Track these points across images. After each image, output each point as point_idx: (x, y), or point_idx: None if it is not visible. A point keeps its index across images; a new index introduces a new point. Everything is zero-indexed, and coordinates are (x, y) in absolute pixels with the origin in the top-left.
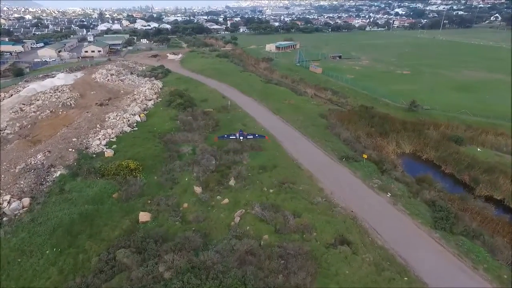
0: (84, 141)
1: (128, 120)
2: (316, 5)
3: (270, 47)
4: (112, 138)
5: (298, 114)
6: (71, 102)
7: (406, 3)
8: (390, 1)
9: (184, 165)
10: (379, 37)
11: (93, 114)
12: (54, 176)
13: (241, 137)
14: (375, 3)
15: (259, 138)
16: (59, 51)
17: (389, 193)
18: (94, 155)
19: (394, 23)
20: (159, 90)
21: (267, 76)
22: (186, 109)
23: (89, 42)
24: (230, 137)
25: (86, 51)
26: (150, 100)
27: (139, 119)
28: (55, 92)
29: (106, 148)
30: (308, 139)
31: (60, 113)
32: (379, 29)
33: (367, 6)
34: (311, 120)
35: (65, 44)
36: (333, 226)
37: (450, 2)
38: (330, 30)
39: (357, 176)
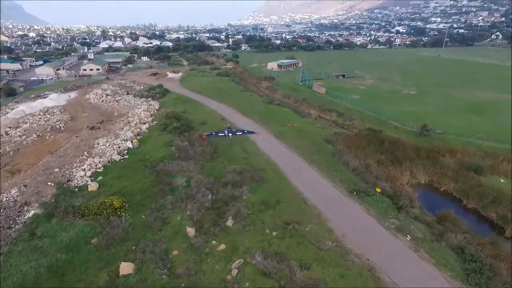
0: (68, 172)
1: (119, 147)
2: (317, 23)
3: (272, 65)
4: (99, 168)
5: (302, 139)
6: (60, 125)
7: (406, 22)
8: (390, 19)
9: (177, 201)
10: (382, 55)
11: (82, 139)
12: (26, 217)
13: (230, 134)
14: (376, 21)
15: (248, 134)
16: (57, 69)
17: (408, 236)
18: (76, 189)
19: (396, 41)
20: (155, 112)
21: (269, 95)
22: (183, 134)
23: (89, 59)
24: (219, 134)
25: (85, 69)
26: (145, 123)
27: (131, 146)
28: (44, 114)
29: (91, 180)
30: (314, 168)
31: (47, 137)
32: (381, 47)
33: (367, 24)
34: (316, 146)
35: (64, 62)
36: (347, 281)
37: (450, 20)
38: (332, 48)
39: (370, 214)
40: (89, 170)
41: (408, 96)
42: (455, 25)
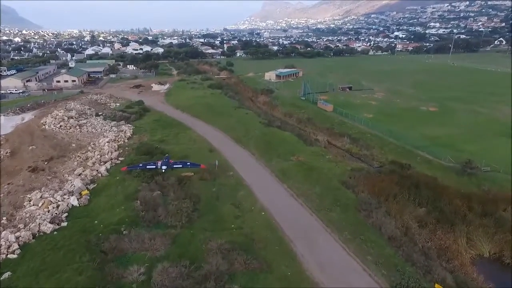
0: None
1: (57, 206)
2: (314, 28)
3: (270, 75)
4: (13, 251)
5: (312, 181)
6: None
7: (405, 27)
8: (388, 24)
9: None
10: (385, 63)
11: (10, 191)
12: None
13: (163, 167)
14: (373, 26)
15: (192, 167)
16: (27, 81)
17: None
18: None
19: (397, 46)
20: (125, 141)
21: (267, 113)
22: (154, 177)
23: (69, 68)
24: (148, 166)
25: (58, 81)
26: (106, 162)
27: (76, 203)
28: None
29: None
30: (334, 236)
31: None
32: (383, 53)
33: (365, 29)
34: (333, 194)
35: (37, 72)
36: None
37: (449, 25)
38: (332, 54)
39: None
40: None
41: (429, 114)
42: (455, 30)
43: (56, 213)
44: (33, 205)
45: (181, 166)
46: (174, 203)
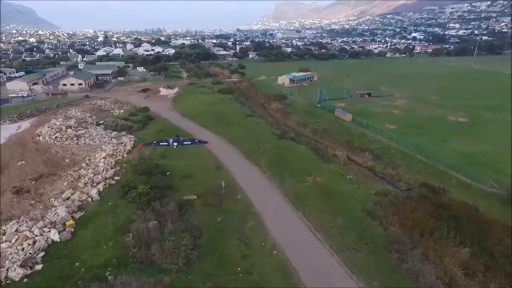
0: None
1: (34, 243)
2: (328, 28)
3: (283, 79)
4: None
5: (332, 210)
6: None
7: (422, 28)
8: (405, 25)
9: None
10: (404, 66)
11: None
12: None
13: (174, 144)
14: (390, 27)
15: (199, 143)
16: (34, 83)
17: None
18: None
19: (416, 49)
20: (124, 155)
21: (280, 123)
22: (151, 203)
23: (78, 70)
24: (161, 143)
25: (65, 84)
26: (99, 183)
27: (57, 237)
28: None
29: None
30: (362, 286)
31: None
32: (401, 55)
33: (381, 30)
34: (357, 227)
35: (44, 75)
36: None
37: (470, 26)
38: (347, 56)
39: None
40: None
41: (458, 125)
42: (476, 32)
43: (31, 253)
44: (5, 241)
45: (190, 142)
46: (171, 239)
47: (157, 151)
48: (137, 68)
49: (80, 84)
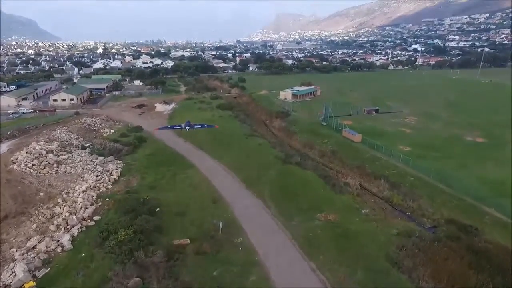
0: None
1: None
2: (327, 40)
3: (285, 94)
4: None
5: (350, 259)
6: None
7: (422, 39)
8: (404, 37)
9: None
10: (409, 79)
11: None
12: None
13: (187, 127)
14: (389, 39)
15: (208, 127)
16: (22, 99)
17: None
18: None
19: (418, 61)
20: (109, 187)
21: (284, 143)
22: (134, 254)
23: (73, 84)
24: (174, 127)
25: (55, 100)
26: (75, 225)
27: None
28: None
29: None
30: None
31: None
32: (404, 68)
33: (381, 42)
34: (382, 283)
35: (36, 89)
36: None
37: (470, 38)
38: (349, 69)
39: None
40: None
41: (477, 147)
42: (476, 43)
43: None
44: None
45: (200, 127)
46: None
47: (147, 180)
48: (134, 81)
49: (71, 99)
